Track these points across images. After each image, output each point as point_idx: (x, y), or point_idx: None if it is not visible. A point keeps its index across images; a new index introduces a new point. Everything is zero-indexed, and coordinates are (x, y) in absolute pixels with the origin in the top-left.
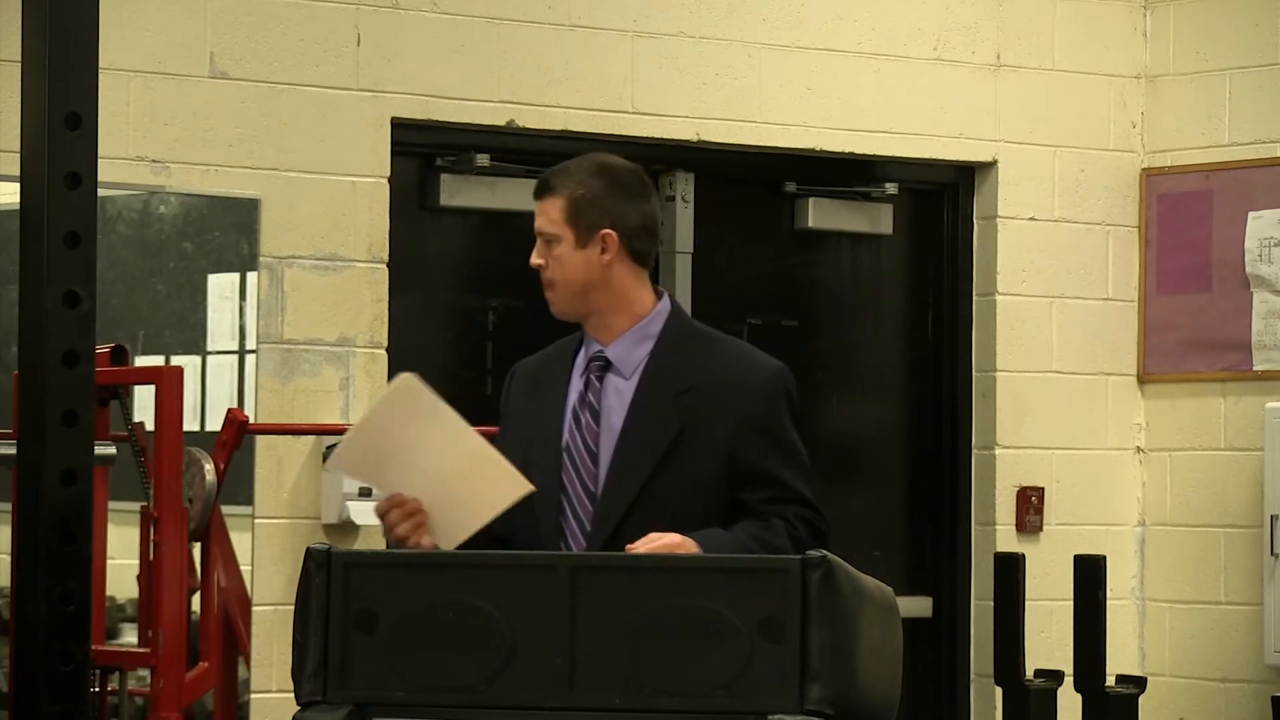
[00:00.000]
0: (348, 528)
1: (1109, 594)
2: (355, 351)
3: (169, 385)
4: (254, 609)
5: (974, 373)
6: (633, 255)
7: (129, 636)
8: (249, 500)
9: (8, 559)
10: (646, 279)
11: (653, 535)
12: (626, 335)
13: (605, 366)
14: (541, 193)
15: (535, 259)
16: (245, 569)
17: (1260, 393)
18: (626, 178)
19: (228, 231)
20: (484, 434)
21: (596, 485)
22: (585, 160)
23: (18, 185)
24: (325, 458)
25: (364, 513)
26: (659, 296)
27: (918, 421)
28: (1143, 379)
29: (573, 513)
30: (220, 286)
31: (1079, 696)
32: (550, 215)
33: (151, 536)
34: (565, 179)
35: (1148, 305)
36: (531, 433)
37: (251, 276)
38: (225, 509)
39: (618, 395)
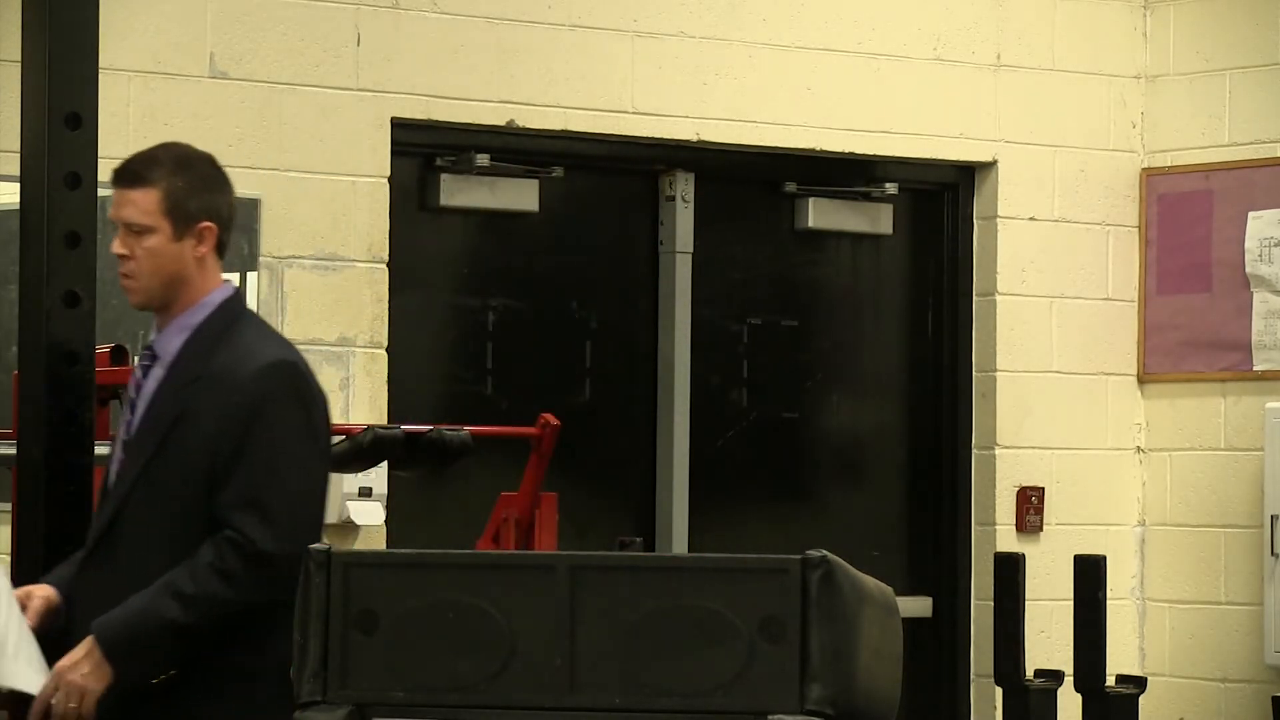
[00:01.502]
0: (348, 528)
1: (1109, 594)
2: (355, 351)
3: None
4: None
5: (974, 373)
6: (219, 247)
7: None
8: None
9: (8, 559)
10: (219, 270)
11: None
12: (171, 325)
13: (154, 357)
14: (130, 182)
15: (119, 248)
16: None
17: (1260, 393)
18: (214, 170)
19: None
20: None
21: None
22: (170, 150)
23: (18, 185)
24: None
25: (364, 513)
26: (221, 287)
27: (918, 421)
28: (1143, 379)
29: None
30: None
31: (1079, 696)
32: (143, 206)
33: None
34: (156, 169)
35: (1148, 305)
36: None
37: (251, 276)
38: None
39: (154, 385)
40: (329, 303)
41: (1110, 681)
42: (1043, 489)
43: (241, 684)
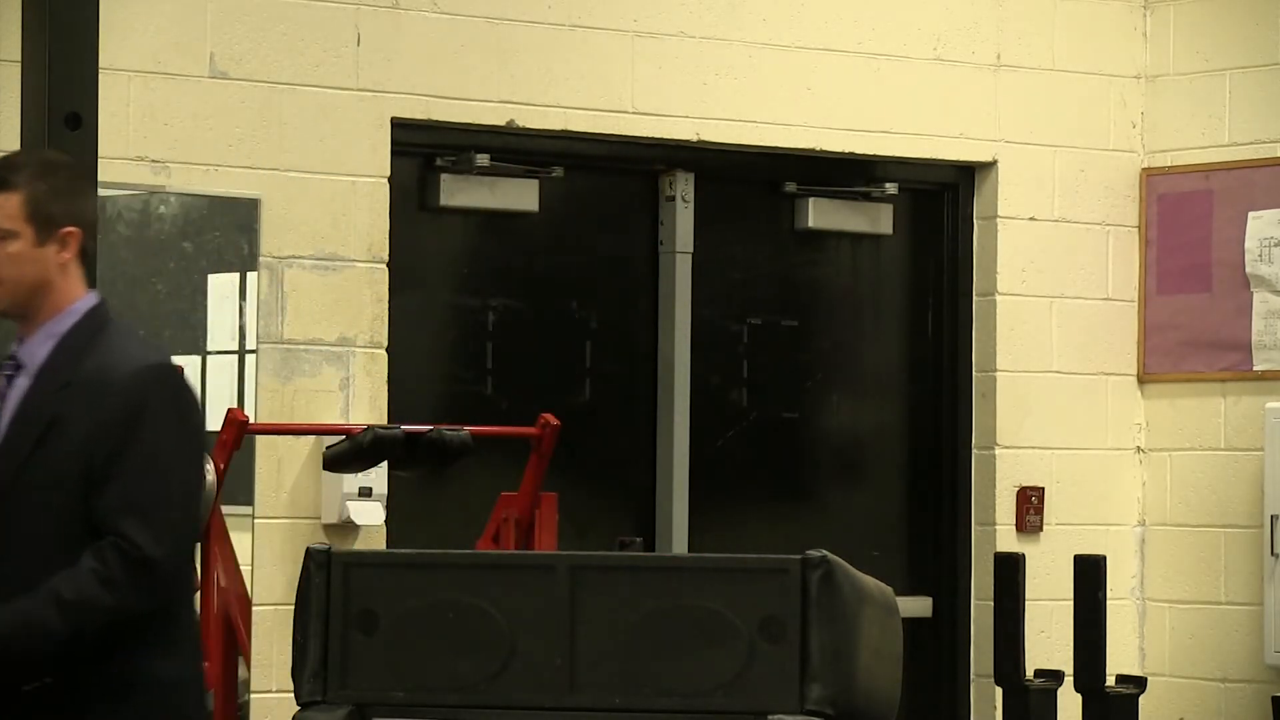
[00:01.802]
0: (348, 528)
1: (1109, 594)
2: (355, 351)
3: None
4: (254, 609)
5: (974, 373)
6: (83, 253)
7: None
8: (249, 500)
9: None
10: (83, 277)
11: None
12: (37, 333)
13: (19, 366)
14: None
15: None
16: (245, 569)
17: (1260, 393)
18: (77, 174)
19: (228, 231)
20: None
21: None
22: (32, 154)
23: None
24: (325, 458)
25: (364, 513)
26: (86, 295)
27: (918, 421)
28: (1143, 379)
29: None
30: (220, 286)
31: (1079, 696)
32: (5, 211)
33: None
34: (18, 174)
35: (1148, 305)
36: None
37: (251, 276)
38: (225, 509)
39: (20, 394)
40: (329, 303)
41: (1110, 681)
42: (1043, 489)
43: (119, 693)
